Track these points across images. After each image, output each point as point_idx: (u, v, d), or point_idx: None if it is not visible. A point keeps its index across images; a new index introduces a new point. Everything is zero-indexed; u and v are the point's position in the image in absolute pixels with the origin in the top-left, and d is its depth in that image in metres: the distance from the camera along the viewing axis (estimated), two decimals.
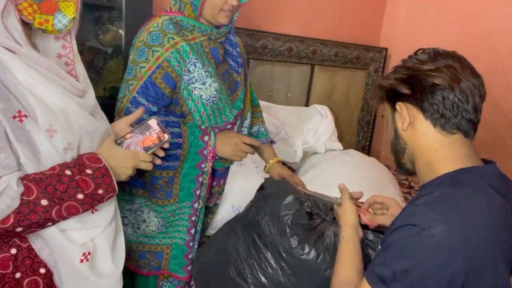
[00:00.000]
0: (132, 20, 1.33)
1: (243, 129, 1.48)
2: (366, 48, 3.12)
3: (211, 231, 1.75)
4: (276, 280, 1.15)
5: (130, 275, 1.41)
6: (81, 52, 1.84)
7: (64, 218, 0.83)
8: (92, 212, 0.91)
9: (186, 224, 1.32)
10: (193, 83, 1.24)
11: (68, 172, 0.82)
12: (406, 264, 0.71)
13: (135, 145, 0.97)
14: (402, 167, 0.93)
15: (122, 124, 1.03)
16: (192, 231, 1.33)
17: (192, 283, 1.46)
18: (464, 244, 0.70)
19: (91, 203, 0.86)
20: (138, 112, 1.05)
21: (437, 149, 0.82)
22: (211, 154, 1.27)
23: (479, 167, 0.81)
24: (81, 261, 0.89)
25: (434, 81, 0.79)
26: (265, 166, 1.55)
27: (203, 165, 1.27)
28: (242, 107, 1.40)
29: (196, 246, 1.39)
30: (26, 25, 0.82)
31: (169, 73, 1.21)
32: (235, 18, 1.33)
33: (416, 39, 3.00)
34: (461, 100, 0.79)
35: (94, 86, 0.97)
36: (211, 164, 1.29)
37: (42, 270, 0.87)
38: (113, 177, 0.89)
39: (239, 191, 1.89)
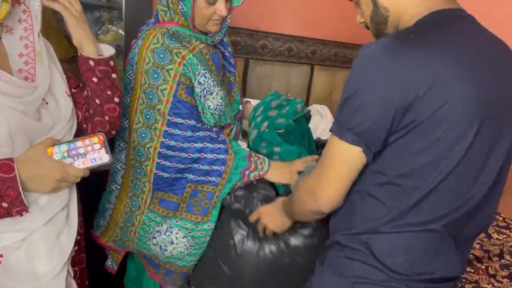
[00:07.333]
0: (132, 20, 1.34)
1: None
2: None
3: None
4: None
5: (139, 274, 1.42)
6: None
7: None
8: (20, 215, 0.87)
9: None
10: (204, 95, 1.24)
11: None
12: (353, 88, 0.76)
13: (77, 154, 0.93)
14: (383, 35, 0.92)
15: None
16: None
17: None
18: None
19: None
20: None
21: (418, 5, 0.82)
22: (257, 178, 1.26)
23: (455, 9, 0.84)
24: None
25: None
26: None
27: (240, 183, 1.25)
28: (240, 108, 1.39)
29: None
30: None
31: (189, 85, 1.21)
32: (228, 22, 1.31)
33: None
34: None
35: None
36: None
37: None
38: (21, 191, 0.82)
39: None
